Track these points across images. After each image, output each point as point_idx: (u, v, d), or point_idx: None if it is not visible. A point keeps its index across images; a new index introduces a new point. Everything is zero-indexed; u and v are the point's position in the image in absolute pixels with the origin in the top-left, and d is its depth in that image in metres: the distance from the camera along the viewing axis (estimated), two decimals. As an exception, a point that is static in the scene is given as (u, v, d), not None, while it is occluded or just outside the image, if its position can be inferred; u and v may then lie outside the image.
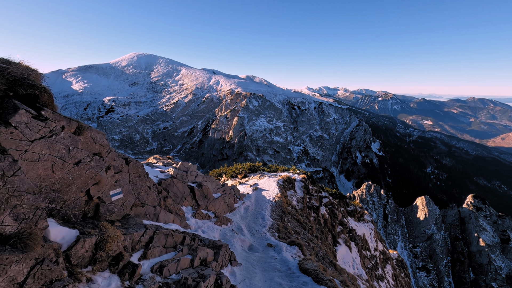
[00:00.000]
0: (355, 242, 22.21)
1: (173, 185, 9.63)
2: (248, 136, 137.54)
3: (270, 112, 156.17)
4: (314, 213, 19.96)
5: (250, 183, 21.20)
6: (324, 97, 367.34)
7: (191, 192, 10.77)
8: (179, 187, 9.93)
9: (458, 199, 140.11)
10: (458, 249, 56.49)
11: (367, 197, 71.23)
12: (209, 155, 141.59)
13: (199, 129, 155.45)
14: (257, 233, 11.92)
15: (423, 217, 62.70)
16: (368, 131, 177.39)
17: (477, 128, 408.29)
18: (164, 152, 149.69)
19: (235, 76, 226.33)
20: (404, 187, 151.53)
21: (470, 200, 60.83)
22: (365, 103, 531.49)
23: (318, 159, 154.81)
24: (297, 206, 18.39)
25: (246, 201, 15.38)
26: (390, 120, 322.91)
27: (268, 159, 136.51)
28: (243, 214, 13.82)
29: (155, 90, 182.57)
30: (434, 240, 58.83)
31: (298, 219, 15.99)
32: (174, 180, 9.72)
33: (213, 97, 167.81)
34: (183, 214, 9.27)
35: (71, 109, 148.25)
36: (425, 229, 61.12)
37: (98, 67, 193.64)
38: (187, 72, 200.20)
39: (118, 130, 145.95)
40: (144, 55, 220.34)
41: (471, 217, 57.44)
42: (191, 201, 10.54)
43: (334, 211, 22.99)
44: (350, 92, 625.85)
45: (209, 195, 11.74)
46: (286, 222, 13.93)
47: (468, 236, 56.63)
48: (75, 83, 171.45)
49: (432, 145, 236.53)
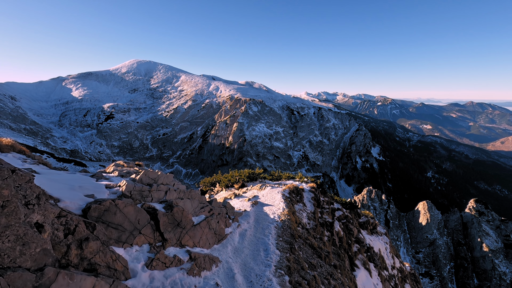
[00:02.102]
0: (374, 263, 19.39)
1: (115, 211, 5.79)
2: (248, 142, 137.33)
3: (269, 118, 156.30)
4: (328, 231, 16.92)
5: (249, 195, 17.50)
6: (324, 102, 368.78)
7: (152, 219, 6.75)
8: (128, 213, 6.05)
9: (459, 203, 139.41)
10: (461, 255, 55.78)
11: (368, 202, 70.69)
12: (209, 161, 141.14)
13: (199, 135, 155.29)
14: (258, 280, 7.94)
15: (425, 222, 62.09)
16: (367, 136, 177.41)
17: (476, 132, 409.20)
18: (163, 159, 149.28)
19: (235, 82, 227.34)
20: (404, 191, 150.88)
21: (472, 205, 60.33)
22: (364, 108, 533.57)
23: (318, 164, 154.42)
24: (308, 224, 15.18)
25: (243, 223, 11.72)
26: (390, 125, 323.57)
27: (268, 164, 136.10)
28: (238, 244, 9.85)
29: (155, 96, 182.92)
30: (437, 246, 58.13)
31: (312, 244, 12.41)
32: (120, 202, 5.92)
33: (213, 103, 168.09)
34: (124, 265, 5.28)
35: (71, 116, 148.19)
36: (428, 235, 60.46)
37: (98, 74, 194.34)
38: (187, 79, 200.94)
39: (117, 137, 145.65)
40: (144, 62, 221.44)
41: (473, 222, 56.87)
42: (150, 235, 6.56)
43: (349, 226, 20.11)
44: (349, 97, 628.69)
45: (185, 221, 7.77)
46: (298, 251, 10.41)
47: (471, 241, 55.98)
48: (74, 90, 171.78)
49: (432, 149, 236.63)
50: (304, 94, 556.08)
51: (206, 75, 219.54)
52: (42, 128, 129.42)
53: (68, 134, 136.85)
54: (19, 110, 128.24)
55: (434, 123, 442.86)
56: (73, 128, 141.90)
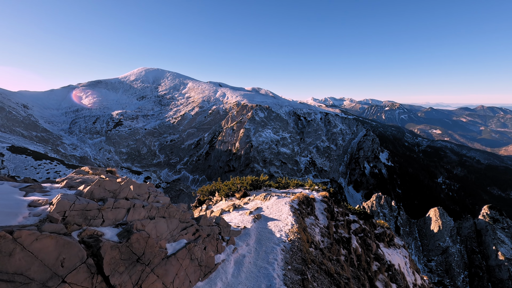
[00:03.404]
0: (396, 283, 16.89)
1: (12, 249, 3.30)
2: (255, 148, 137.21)
3: (276, 124, 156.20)
4: (345, 249, 14.44)
5: (251, 206, 15.01)
6: (330, 108, 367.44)
7: (92, 255, 4.25)
8: (41, 250, 3.59)
9: (472, 210, 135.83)
10: (476, 263, 53.97)
11: (378, 208, 69.36)
12: (216, 167, 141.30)
13: (206, 141, 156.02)
14: None
15: (437, 229, 60.48)
16: (375, 141, 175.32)
17: (487, 137, 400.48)
18: (171, 165, 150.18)
19: (241, 88, 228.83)
20: (414, 197, 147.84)
21: (486, 211, 58.60)
22: (371, 113, 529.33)
23: (325, 170, 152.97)
24: (322, 242, 12.83)
25: (241, 245, 9.23)
26: (398, 130, 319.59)
27: (275, 170, 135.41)
28: (232, 278, 7.36)
29: (162, 103, 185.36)
30: (450, 254, 56.43)
31: (328, 270, 9.83)
32: (25, 234, 3.48)
33: (220, 109, 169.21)
34: None
35: (81, 123, 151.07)
36: (440, 242, 58.80)
37: (107, 82, 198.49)
38: (194, 85, 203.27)
39: (126, 143, 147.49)
40: (152, 70, 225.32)
41: (488, 229, 55.12)
42: (86, 282, 3.96)
43: (367, 240, 17.75)
44: (356, 102, 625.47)
45: (151, 253, 5.21)
46: (311, 282, 8.03)
47: (486, 249, 54.18)
48: (84, 97, 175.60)
49: (442, 154, 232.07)
50: (311, 99, 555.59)
51: (213, 81, 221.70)
52: (53, 135, 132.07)
53: (77, 141, 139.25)
54: (31, 118, 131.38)
55: (444, 127, 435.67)
56: (83, 135, 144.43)
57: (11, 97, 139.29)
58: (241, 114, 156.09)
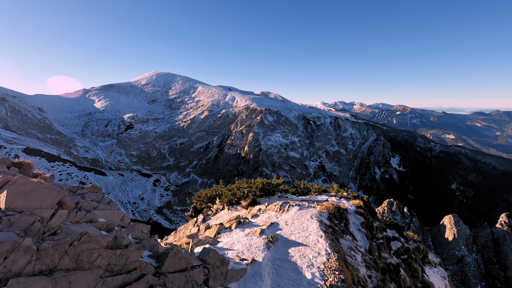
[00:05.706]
0: None
1: None
2: (264, 152, 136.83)
3: (285, 128, 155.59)
4: (393, 282, 10.39)
5: (262, 221, 10.63)
6: (340, 112, 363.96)
7: None
8: None
9: (488, 217, 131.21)
10: (493, 274, 51.76)
11: (389, 215, 67.64)
12: (225, 170, 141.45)
13: (215, 145, 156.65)
14: None
15: (451, 237, 58.46)
16: (386, 145, 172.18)
17: (504, 142, 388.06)
18: (180, 168, 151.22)
19: (250, 92, 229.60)
20: (427, 204, 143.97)
21: (504, 220, 56.30)
22: (382, 118, 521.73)
23: (335, 174, 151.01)
24: (370, 279, 8.55)
25: None
26: (410, 135, 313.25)
27: (284, 174, 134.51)
28: None
29: (173, 107, 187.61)
30: (466, 263, 54.36)
31: None
32: None
33: (229, 113, 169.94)
34: None
35: (93, 126, 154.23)
36: (455, 251, 56.77)
37: (119, 86, 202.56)
38: (204, 89, 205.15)
39: (136, 146, 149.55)
40: (163, 74, 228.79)
41: (506, 238, 52.90)
42: None
43: (412, 265, 13.83)
44: (366, 106, 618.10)
45: None
46: None
47: (504, 259, 51.94)
48: (97, 101, 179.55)
49: (456, 160, 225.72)
50: (320, 103, 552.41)
51: (223, 85, 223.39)
52: (66, 138, 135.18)
53: (90, 144, 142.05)
54: (45, 121, 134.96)
55: (458, 132, 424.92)
56: (95, 137, 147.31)
57: (27, 100, 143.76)
58: (250, 118, 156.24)
